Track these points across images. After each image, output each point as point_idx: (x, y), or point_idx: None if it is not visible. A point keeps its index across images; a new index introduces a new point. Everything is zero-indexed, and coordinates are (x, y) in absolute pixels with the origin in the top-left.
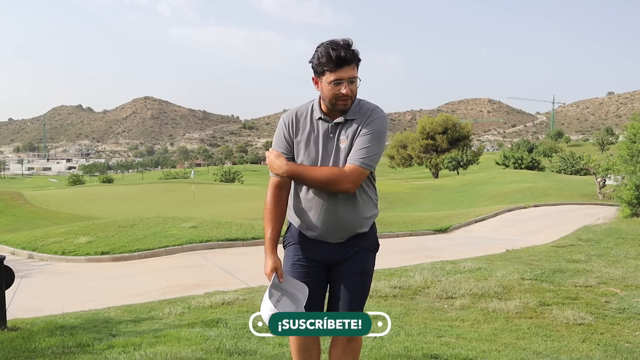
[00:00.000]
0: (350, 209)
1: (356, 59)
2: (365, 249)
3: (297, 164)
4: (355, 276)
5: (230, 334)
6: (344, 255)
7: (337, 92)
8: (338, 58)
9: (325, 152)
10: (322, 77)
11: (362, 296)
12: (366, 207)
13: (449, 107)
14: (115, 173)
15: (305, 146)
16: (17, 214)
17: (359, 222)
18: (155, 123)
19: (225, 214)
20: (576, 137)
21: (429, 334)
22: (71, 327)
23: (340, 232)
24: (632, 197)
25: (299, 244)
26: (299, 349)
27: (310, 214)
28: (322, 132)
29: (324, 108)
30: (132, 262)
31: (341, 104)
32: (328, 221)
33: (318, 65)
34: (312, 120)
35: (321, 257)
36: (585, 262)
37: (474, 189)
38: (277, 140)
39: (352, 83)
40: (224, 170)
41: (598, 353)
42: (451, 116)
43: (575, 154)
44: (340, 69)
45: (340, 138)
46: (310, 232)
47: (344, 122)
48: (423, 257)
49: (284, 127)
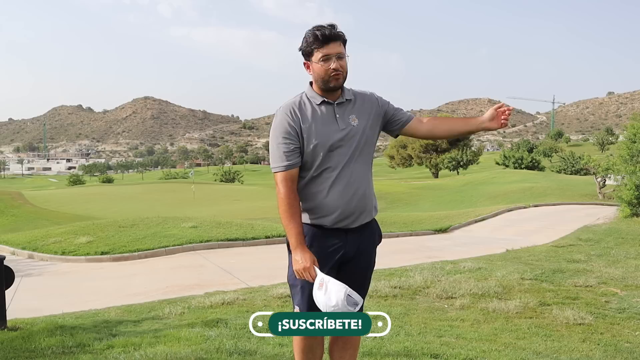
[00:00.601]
0: (368, 186)
1: (341, 37)
2: (374, 242)
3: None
4: (364, 272)
5: (230, 334)
6: (357, 248)
7: (328, 68)
8: (323, 35)
9: (337, 131)
10: (312, 57)
11: (366, 291)
12: (372, 192)
13: (449, 107)
14: (115, 173)
15: (316, 129)
16: (17, 214)
17: (372, 201)
18: (155, 123)
19: (225, 214)
20: (576, 137)
21: (429, 334)
22: (71, 327)
23: (362, 209)
24: (632, 197)
25: (309, 244)
26: (303, 349)
27: (332, 193)
28: (328, 114)
29: (319, 92)
30: (132, 262)
31: (333, 80)
32: (352, 196)
33: (307, 47)
34: (314, 106)
35: (335, 250)
36: (585, 262)
37: (474, 189)
38: (281, 131)
39: (340, 59)
40: (224, 170)
41: (598, 353)
42: (451, 116)
43: (575, 154)
44: (327, 45)
45: (350, 117)
46: (330, 218)
47: (345, 102)
48: (423, 257)
49: (287, 117)
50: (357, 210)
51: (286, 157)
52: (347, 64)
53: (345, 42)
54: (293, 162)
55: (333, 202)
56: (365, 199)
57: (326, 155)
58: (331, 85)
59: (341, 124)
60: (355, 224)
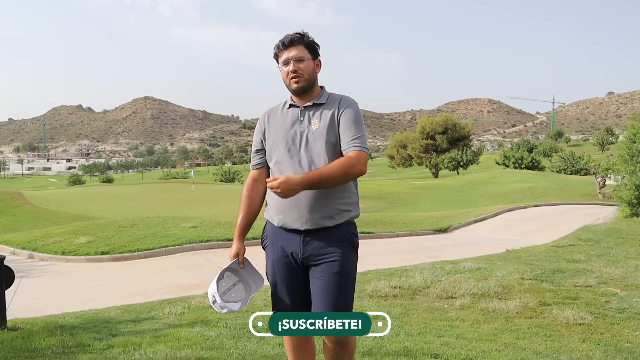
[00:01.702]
0: (324, 193)
1: (303, 41)
2: (339, 245)
3: (308, 173)
4: (329, 277)
5: (230, 334)
6: (316, 253)
7: (287, 71)
8: (282, 42)
9: (294, 134)
10: (278, 63)
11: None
12: (340, 197)
13: (449, 107)
14: (115, 173)
15: (274, 132)
16: (17, 214)
17: (328, 207)
18: (155, 123)
19: (225, 214)
20: (576, 137)
21: (429, 334)
22: (71, 327)
23: (305, 213)
24: (632, 197)
25: (272, 241)
26: (292, 348)
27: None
28: (292, 117)
29: (293, 98)
30: (132, 262)
31: (293, 82)
32: (296, 199)
33: (274, 55)
34: (283, 110)
35: (292, 250)
36: (585, 262)
37: (474, 189)
38: (254, 137)
39: (299, 61)
40: (224, 170)
41: (598, 353)
42: (451, 116)
43: (575, 154)
44: (285, 50)
45: (312, 120)
46: (278, 217)
47: (312, 106)
48: (423, 257)
49: (259, 123)
50: (303, 215)
51: (252, 157)
52: (314, 68)
53: (309, 46)
54: (255, 162)
55: (276, 203)
56: (312, 201)
57: (279, 156)
58: (292, 88)
59: (300, 128)
60: (305, 227)
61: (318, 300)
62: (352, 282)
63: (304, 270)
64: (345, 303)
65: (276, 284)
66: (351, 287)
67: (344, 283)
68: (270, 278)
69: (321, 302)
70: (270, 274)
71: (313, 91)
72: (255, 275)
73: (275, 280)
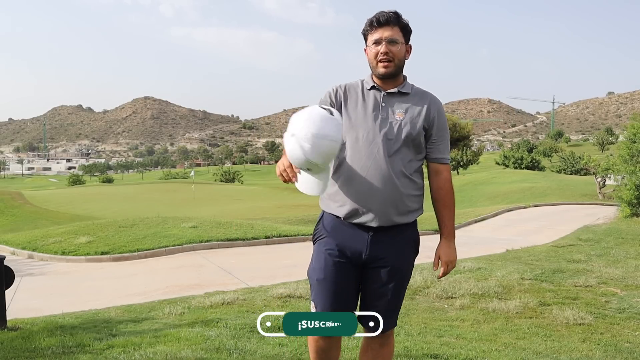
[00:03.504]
0: (397, 185)
1: (399, 22)
2: (407, 248)
3: (447, 228)
4: (394, 281)
5: (230, 334)
6: (382, 254)
7: (376, 52)
8: (377, 19)
9: (376, 118)
10: (367, 42)
11: (396, 304)
12: (414, 192)
13: (449, 107)
14: (115, 173)
15: (352, 111)
16: (17, 214)
17: (403, 202)
18: (155, 123)
19: (225, 214)
20: (576, 137)
21: (429, 334)
22: (71, 327)
23: (380, 206)
24: (632, 197)
25: (330, 235)
26: (316, 350)
27: (351, 182)
28: (373, 101)
29: (375, 80)
30: (132, 262)
31: (382, 66)
32: (371, 189)
33: (363, 31)
34: (364, 90)
35: (354, 247)
36: (585, 262)
37: (474, 189)
38: (321, 104)
39: (392, 44)
40: (224, 170)
41: (598, 353)
42: (451, 116)
43: (575, 154)
44: (378, 29)
45: (396, 110)
46: (343, 208)
47: (397, 94)
48: (423, 257)
49: (330, 94)
50: (381, 207)
51: None
52: (405, 54)
53: (404, 29)
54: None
55: (342, 192)
56: (391, 194)
57: (355, 138)
58: (380, 72)
59: (381, 113)
60: (378, 223)
61: (377, 302)
62: (407, 284)
63: (359, 269)
64: (400, 306)
65: (325, 282)
66: (405, 291)
67: (402, 286)
68: (318, 274)
69: (381, 304)
70: (320, 271)
71: (398, 78)
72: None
73: (324, 277)
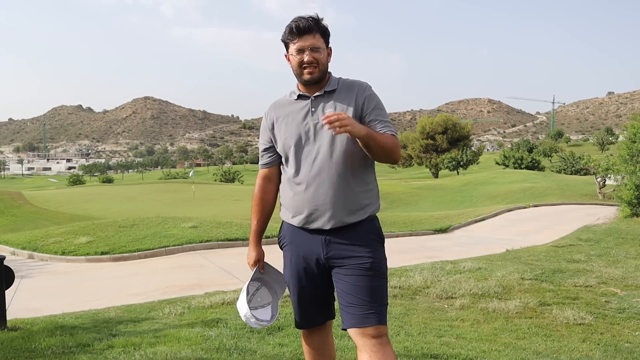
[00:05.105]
0: (346, 186)
1: (319, 29)
2: (365, 240)
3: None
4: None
5: (230, 334)
6: (341, 253)
7: (300, 60)
8: (297, 27)
9: (308, 127)
10: (289, 50)
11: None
12: (363, 189)
13: (449, 107)
14: (115, 173)
15: (285, 126)
16: (17, 214)
17: (352, 201)
18: (155, 123)
19: (225, 214)
20: (576, 137)
21: (429, 334)
22: (71, 327)
23: (329, 210)
24: (632, 197)
25: (292, 242)
26: (309, 351)
27: (299, 192)
28: (303, 109)
29: (300, 88)
30: (132, 262)
31: (306, 73)
32: (317, 196)
33: (284, 39)
34: (291, 102)
35: (314, 251)
36: (585, 262)
37: (474, 189)
38: (261, 133)
39: (315, 51)
40: (223, 170)
41: (598, 353)
42: (451, 116)
43: (575, 154)
44: (300, 38)
45: (326, 111)
46: (297, 217)
47: (324, 95)
48: (423, 257)
49: (265, 119)
50: (328, 212)
51: (261, 156)
52: (327, 57)
53: (325, 34)
54: (265, 161)
55: (300, 201)
56: (338, 197)
57: (293, 152)
58: (305, 79)
59: (313, 120)
60: (329, 225)
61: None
62: (385, 279)
63: (327, 271)
64: (381, 300)
65: (297, 287)
66: (385, 285)
67: (376, 278)
68: (291, 280)
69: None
70: (291, 276)
71: (323, 80)
72: (276, 276)
73: (296, 282)
